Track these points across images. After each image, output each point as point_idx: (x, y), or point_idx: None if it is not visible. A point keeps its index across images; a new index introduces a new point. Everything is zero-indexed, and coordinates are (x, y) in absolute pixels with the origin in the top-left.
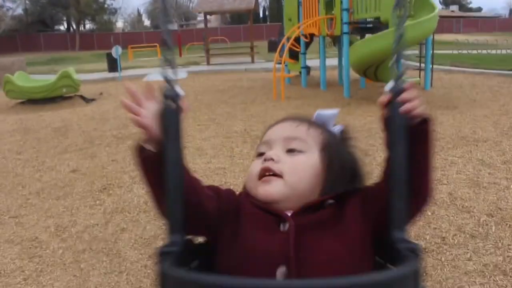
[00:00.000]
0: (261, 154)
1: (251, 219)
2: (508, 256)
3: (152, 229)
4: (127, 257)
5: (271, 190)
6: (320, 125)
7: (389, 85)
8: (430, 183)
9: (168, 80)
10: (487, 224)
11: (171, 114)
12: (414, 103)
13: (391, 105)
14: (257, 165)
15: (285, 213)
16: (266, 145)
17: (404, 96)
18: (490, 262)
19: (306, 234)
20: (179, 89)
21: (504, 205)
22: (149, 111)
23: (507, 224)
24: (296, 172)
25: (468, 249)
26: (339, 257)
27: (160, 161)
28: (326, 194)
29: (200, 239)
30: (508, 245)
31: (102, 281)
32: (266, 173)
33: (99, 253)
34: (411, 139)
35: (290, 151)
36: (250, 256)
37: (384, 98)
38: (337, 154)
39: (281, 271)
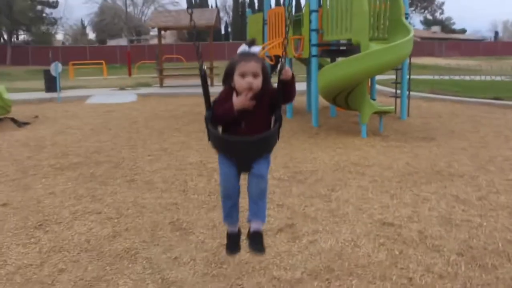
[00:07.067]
0: (242, 75)
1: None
2: None
3: (94, 270)
4: None
5: (251, 93)
6: (259, 59)
7: (279, 66)
8: (294, 95)
9: (201, 64)
10: (456, 264)
11: (204, 76)
12: (287, 74)
13: (279, 73)
14: (244, 81)
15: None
16: (245, 73)
17: (284, 71)
18: None
19: (254, 106)
20: (204, 67)
21: (475, 243)
22: None
23: (477, 263)
24: (258, 85)
25: None
26: (262, 117)
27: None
28: (263, 90)
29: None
30: (477, 285)
31: None
32: (249, 87)
33: None
34: (287, 83)
35: (254, 76)
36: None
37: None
38: (265, 70)
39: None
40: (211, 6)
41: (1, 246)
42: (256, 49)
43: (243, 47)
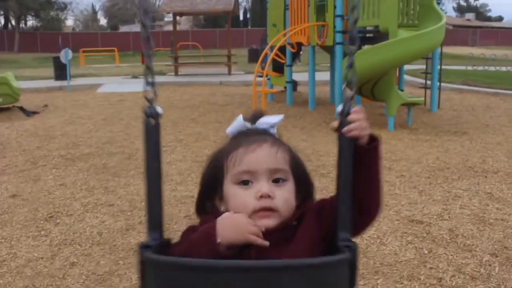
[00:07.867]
0: (245, 182)
1: None
2: None
3: (107, 264)
4: None
5: (270, 223)
6: (281, 142)
7: (339, 108)
8: (379, 201)
9: (148, 99)
10: (490, 265)
11: (152, 131)
12: (359, 124)
13: (340, 127)
14: (249, 198)
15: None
16: (250, 175)
17: (350, 117)
18: None
19: (269, 252)
20: (158, 108)
21: (511, 243)
22: None
23: None
24: (287, 204)
25: None
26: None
27: None
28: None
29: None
30: None
31: None
32: (264, 209)
33: None
34: (360, 159)
35: (276, 180)
36: None
37: (335, 124)
38: (299, 169)
39: None
40: None
41: (11, 238)
42: (271, 120)
43: (239, 123)
